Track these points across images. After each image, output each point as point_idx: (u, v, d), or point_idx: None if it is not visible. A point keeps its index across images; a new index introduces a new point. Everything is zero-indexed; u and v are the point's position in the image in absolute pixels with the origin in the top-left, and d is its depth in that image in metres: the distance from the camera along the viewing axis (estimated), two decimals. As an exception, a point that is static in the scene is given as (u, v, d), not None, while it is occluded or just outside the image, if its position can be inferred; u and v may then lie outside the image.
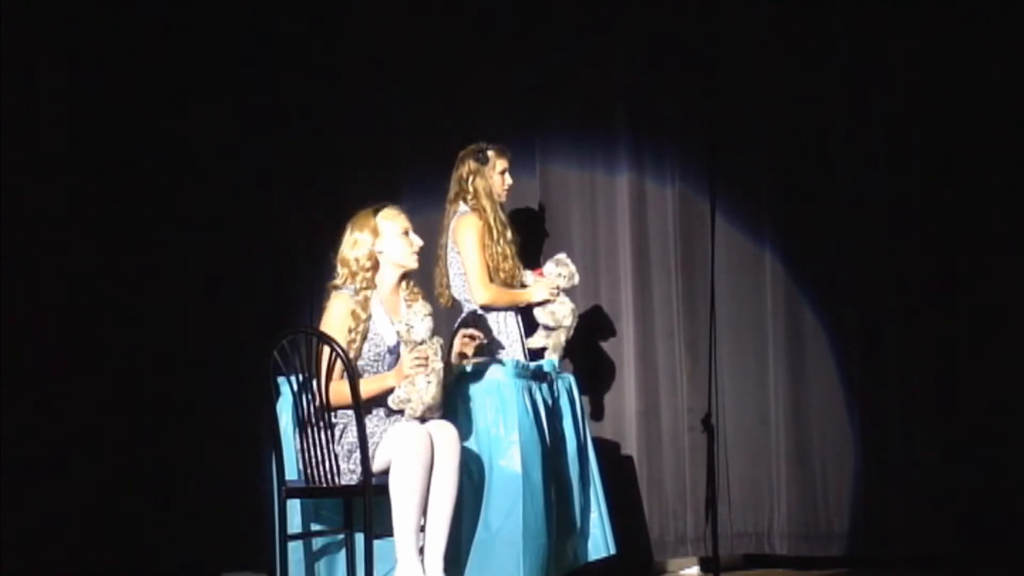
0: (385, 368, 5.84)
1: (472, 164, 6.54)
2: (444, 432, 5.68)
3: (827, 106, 7.10)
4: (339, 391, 5.67)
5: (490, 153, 6.56)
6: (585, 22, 7.23)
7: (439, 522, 5.62)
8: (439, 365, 5.69)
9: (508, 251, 6.48)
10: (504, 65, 7.26)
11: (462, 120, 7.16)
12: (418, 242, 5.92)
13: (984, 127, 6.99)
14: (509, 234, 6.50)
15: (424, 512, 5.61)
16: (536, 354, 6.50)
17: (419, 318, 5.69)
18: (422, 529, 5.62)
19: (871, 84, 7.07)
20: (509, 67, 7.26)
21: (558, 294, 6.51)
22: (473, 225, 6.43)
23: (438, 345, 5.71)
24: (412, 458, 5.56)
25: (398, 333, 5.72)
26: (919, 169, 7.05)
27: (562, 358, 6.52)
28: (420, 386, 5.67)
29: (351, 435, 5.67)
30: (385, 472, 5.64)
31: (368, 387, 5.73)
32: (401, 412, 5.74)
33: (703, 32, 7.14)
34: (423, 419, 5.71)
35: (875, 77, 7.07)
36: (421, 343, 5.68)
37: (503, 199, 6.60)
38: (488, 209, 6.47)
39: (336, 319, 5.79)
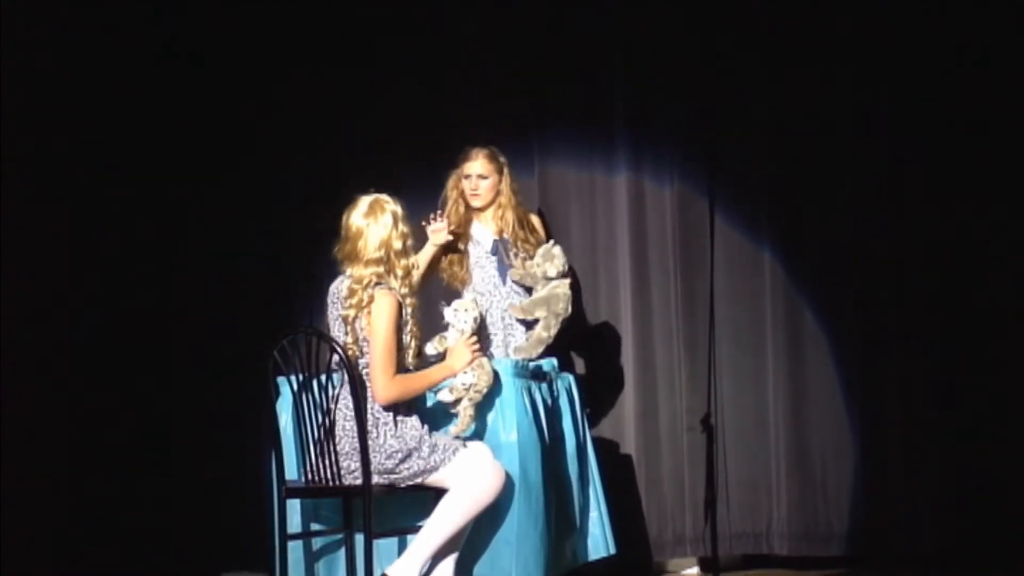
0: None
1: (450, 180, 6.57)
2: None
3: (827, 107, 7.09)
4: (404, 387, 5.62)
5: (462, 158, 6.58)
6: (584, 22, 7.23)
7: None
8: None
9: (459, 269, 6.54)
10: (503, 65, 7.26)
11: (461, 120, 7.17)
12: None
13: (984, 127, 6.98)
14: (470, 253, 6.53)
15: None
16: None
17: (477, 307, 5.86)
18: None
19: (872, 84, 7.06)
20: (508, 67, 7.26)
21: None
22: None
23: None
24: (488, 494, 5.60)
25: (468, 322, 5.78)
26: (919, 170, 7.04)
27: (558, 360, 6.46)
28: (488, 369, 5.73)
29: (388, 437, 5.61)
30: (436, 487, 5.63)
31: (432, 377, 5.71)
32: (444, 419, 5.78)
33: (702, 33, 7.15)
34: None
35: (876, 78, 7.06)
36: (475, 334, 5.78)
37: (475, 204, 6.58)
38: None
39: (391, 319, 5.61)
